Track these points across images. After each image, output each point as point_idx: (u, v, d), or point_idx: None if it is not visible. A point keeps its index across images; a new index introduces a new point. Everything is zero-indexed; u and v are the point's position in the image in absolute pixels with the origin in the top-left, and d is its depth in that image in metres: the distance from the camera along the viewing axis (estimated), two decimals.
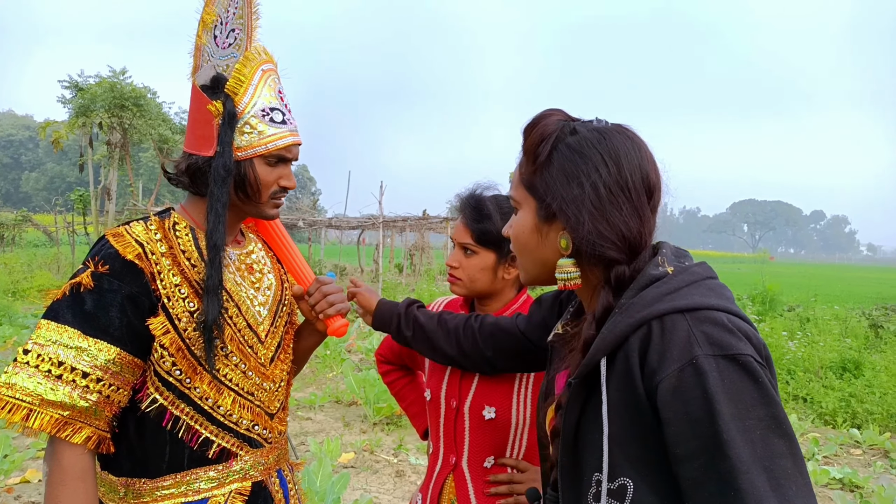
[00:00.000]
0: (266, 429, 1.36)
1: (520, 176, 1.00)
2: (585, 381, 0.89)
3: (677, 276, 0.88)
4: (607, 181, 0.90)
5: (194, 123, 1.32)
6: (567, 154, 0.93)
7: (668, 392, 0.79)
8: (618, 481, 0.84)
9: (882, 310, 11.94)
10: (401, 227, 21.49)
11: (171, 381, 1.23)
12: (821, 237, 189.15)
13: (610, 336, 0.86)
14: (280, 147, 1.29)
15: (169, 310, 1.22)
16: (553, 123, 0.96)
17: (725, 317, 0.82)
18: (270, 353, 1.37)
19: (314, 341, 1.55)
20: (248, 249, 1.42)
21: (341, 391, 6.43)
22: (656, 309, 0.84)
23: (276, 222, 1.50)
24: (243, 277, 1.37)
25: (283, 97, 1.32)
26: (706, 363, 0.78)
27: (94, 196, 19.84)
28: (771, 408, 0.77)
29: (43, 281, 14.12)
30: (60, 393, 1.13)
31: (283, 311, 1.44)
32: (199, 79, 1.30)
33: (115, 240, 1.23)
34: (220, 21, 1.31)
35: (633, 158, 0.92)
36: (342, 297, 1.46)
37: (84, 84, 18.69)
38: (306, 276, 1.48)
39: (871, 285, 31.54)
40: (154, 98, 19.44)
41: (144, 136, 18.80)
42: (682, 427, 0.78)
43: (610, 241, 0.90)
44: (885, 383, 6.57)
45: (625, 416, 0.84)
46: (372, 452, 4.83)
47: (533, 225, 0.98)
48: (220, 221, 1.26)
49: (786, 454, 0.75)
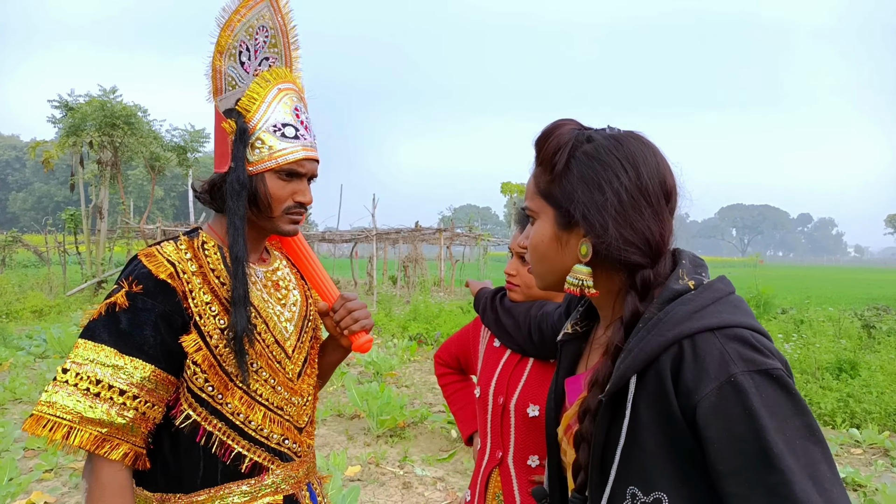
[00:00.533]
0: (296, 443, 1.38)
1: (535, 186, 1.01)
2: (615, 396, 0.90)
3: (703, 294, 0.89)
4: (628, 186, 0.91)
5: (216, 144, 1.36)
6: (586, 161, 0.94)
7: (709, 410, 0.81)
8: (653, 495, 0.86)
9: (874, 310, 12.07)
10: (394, 240, 21.49)
11: (204, 398, 1.26)
12: (809, 240, 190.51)
13: (641, 354, 0.87)
14: (291, 161, 1.30)
15: (201, 327, 1.25)
16: (567, 132, 0.97)
17: (751, 334, 0.85)
18: (298, 368, 1.40)
19: (338, 357, 1.57)
20: (273, 266, 1.45)
21: (343, 404, 6.42)
22: (687, 328, 0.85)
23: (300, 239, 1.53)
24: (270, 294, 1.39)
25: (299, 114, 1.34)
26: (744, 380, 0.80)
27: (86, 215, 19.72)
28: (805, 417, 0.80)
29: (36, 302, 13.98)
30: (99, 410, 1.15)
31: (309, 326, 1.46)
32: (223, 103, 1.33)
33: (147, 260, 1.26)
34: (245, 48, 1.33)
35: (651, 163, 0.94)
36: (366, 314, 1.49)
37: (74, 103, 18.64)
38: (331, 293, 1.50)
39: (860, 286, 31.80)
40: (145, 116, 19.39)
41: (136, 154, 18.75)
42: (725, 444, 0.80)
43: (635, 245, 0.91)
44: (882, 383, 6.64)
45: (658, 432, 0.86)
46: (378, 465, 4.83)
47: (552, 233, 0.99)
48: (240, 234, 1.28)
49: (822, 460, 0.78)
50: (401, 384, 7.76)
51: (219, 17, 1.32)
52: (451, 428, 5.61)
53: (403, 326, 11.59)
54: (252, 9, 1.33)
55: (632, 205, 0.91)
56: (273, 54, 1.35)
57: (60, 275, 19.13)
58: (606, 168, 0.92)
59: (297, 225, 1.38)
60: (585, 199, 0.93)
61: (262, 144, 1.29)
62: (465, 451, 5.19)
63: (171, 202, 59.49)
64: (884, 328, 9.88)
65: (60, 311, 13.77)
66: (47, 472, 4.51)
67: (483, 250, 21.60)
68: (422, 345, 10.62)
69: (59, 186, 63.72)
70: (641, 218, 0.91)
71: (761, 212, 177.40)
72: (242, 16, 1.32)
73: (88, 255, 19.39)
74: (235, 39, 1.32)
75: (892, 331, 9.72)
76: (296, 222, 1.37)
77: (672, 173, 0.96)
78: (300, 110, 1.35)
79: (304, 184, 1.35)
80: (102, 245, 19.33)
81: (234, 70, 1.33)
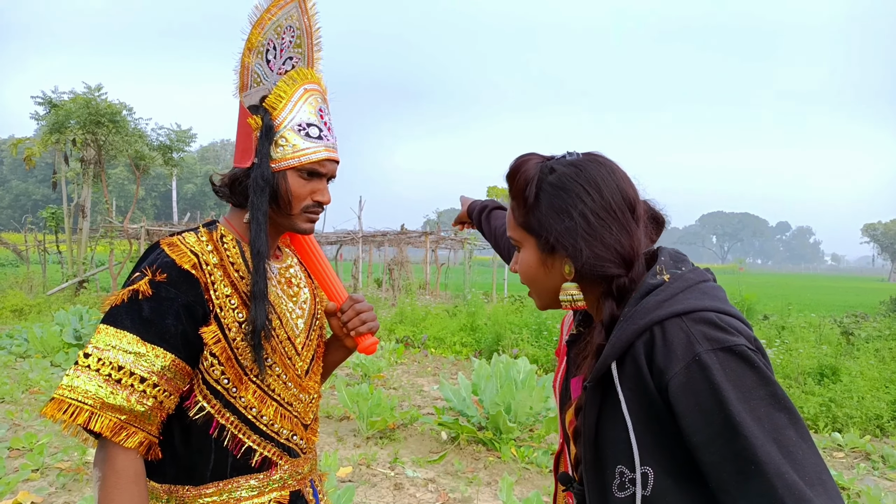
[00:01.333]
0: (303, 439, 1.39)
1: (514, 218, 1.10)
2: (600, 383, 0.99)
3: (673, 284, 0.98)
4: (593, 208, 1.00)
5: (239, 138, 1.36)
6: (551, 192, 1.02)
7: (678, 388, 0.88)
8: (639, 470, 0.93)
9: (852, 317, 12.33)
10: (379, 242, 21.47)
11: (219, 390, 1.26)
12: (787, 248, 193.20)
13: (617, 343, 0.95)
14: (313, 161, 1.32)
15: (221, 319, 1.25)
16: (532, 167, 1.06)
17: (716, 315, 0.92)
18: (306, 364, 1.41)
19: (340, 357, 1.58)
20: (286, 264, 1.46)
21: (332, 406, 6.41)
22: (656, 315, 0.93)
23: (311, 240, 1.54)
24: (283, 291, 1.40)
25: (322, 115, 1.36)
26: (707, 357, 0.87)
27: (68, 213, 19.45)
28: (769, 387, 0.86)
29: (16, 301, 13.76)
30: (120, 397, 1.15)
31: (316, 324, 1.47)
32: (248, 99, 1.34)
33: (170, 249, 1.26)
34: (273, 46, 1.35)
35: (610, 182, 1.02)
36: (373, 316, 1.50)
37: (58, 100, 18.39)
38: (340, 294, 1.52)
39: (837, 294, 32.33)
40: (130, 114, 19.15)
41: (120, 152, 18.50)
42: (695, 417, 0.87)
43: (608, 259, 0.99)
44: (863, 388, 6.77)
45: (639, 412, 0.94)
46: (368, 466, 4.83)
47: (537, 259, 1.07)
48: (262, 230, 1.29)
49: (788, 425, 0.85)
50: (388, 386, 7.76)
51: (251, 15, 1.33)
52: (441, 430, 5.62)
53: (390, 329, 11.59)
54: (283, 8, 1.34)
55: (599, 224, 0.99)
56: (297, 54, 1.37)
57: (40, 274, 18.84)
58: (570, 194, 1.01)
59: (312, 224, 1.39)
60: (557, 227, 1.01)
61: (286, 142, 1.30)
62: (455, 453, 5.21)
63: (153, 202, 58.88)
64: (862, 335, 10.08)
65: (41, 311, 13.56)
66: (34, 472, 4.46)
67: (468, 254, 21.64)
68: (409, 347, 10.62)
69: (37, 184, 62.76)
70: (610, 233, 0.99)
71: (741, 219, 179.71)
72: (273, 14, 1.34)
73: (70, 254, 19.10)
74: (265, 37, 1.34)
75: (871, 337, 9.91)
76: (312, 221, 1.38)
77: (632, 185, 1.05)
78: (324, 111, 1.37)
79: (323, 183, 1.37)
80: (84, 244, 19.05)
81: (261, 67, 1.35)
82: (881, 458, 5.55)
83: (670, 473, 0.91)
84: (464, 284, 18.91)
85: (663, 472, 0.91)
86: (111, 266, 18.62)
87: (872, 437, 6.16)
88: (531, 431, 5.67)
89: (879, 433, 6.32)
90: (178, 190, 21.34)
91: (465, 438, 5.42)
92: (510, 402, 5.30)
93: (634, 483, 0.93)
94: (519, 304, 13.36)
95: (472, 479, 4.64)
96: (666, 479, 0.91)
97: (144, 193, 52.45)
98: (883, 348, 8.70)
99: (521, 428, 5.47)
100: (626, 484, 0.94)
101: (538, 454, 5.07)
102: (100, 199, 20.65)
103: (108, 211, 19.73)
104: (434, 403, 6.85)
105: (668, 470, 0.91)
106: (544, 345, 9.55)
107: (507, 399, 5.31)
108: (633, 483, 0.93)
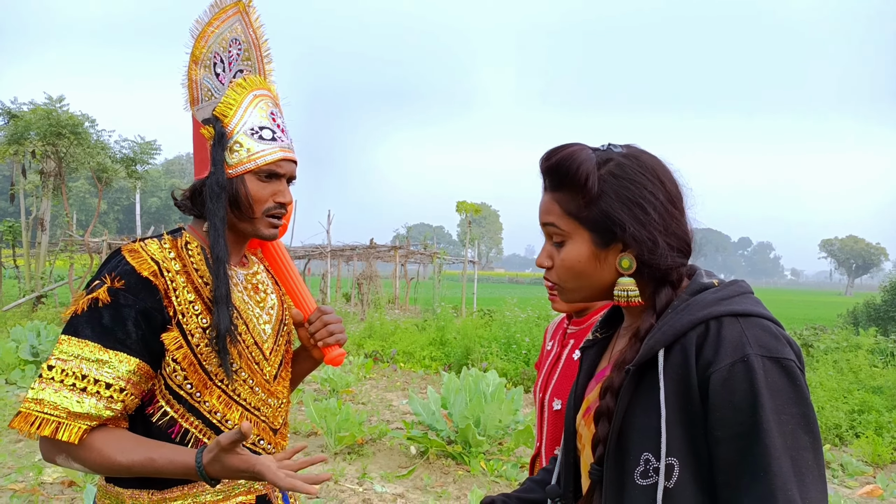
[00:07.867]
0: (270, 444, 1.40)
1: (563, 210, 1.03)
2: (640, 368, 0.98)
3: (729, 287, 1.00)
4: (662, 199, 1.00)
5: (196, 151, 1.38)
6: (615, 182, 1.00)
7: (719, 382, 0.90)
8: (665, 461, 0.94)
9: (812, 329, 12.68)
10: (348, 257, 21.36)
11: (182, 395, 1.27)
12: (748, 263, 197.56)
13: (670, 330, 0.96)
14: (269, 162, 1.33)
15: (183, 325, 1.26)
16: (587, 156, 1.01)
17: (773, 325, 0.94)
18: (274, 370, 1.42)
19: (308, 367, 1.59)
20: (253, 270, 1.47)
21: (300, 421, 6.32)
22: (715, 310, 0.95)
23: (283, 251, 1.55)
24: (250, 297, 1.41)
25: (275, 118, 1.38)
26: (755, 361, 0.89)
27: (26, 227, 18.90)
28: (803, 407, 0.89)
29: None
30: (87, 405, 1.18)
31: (284, 330, 1.48)
32: (201, 113, 1.36)
33: (130, 256, 1.27)
34: (220, 60, 1.37)
35: (668, 172, 1.03)
36: (341, 328, 1.51)
37: (17, 111, 17.91)
38: (308, 304, 1.52)
39: (797, 307, 33.23)
40: (93, 126, 18.73)
41: (82, 164, 18.07)
42: (725, 412, 0.89)
43: (678, 249, 1.01)
44: (822, 398, 6.95)
45: (675, 403, 0.94)
46: (336, 482, 4.77)
47: (590, 252, 1.03)
48: (220, 235, 1.31)
49: (809, 448, 0.88)
50: (357, 401, 7.69)
51: (192, 29, 1.36)
52: (410, 444, 5.59)
53: (359, 344, 11.50)
54: (225, 21, 1.37)
55: (671, 214, 1.01)
56: (247, 66, 1.39)
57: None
58: (639, 186, 1.00)
59: (275, 229, 1.39)
60: (629, 219, 0.99)
61: (240, 147, 1.32)
62: (424, 468, 5.18)
63: (115, 216, 57.65)
64: (821, 347, 10.38)
65: None
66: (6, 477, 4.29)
67: (437, 268, 21.64)
68: (378, 362, 10.55)
69: None
70: (678, 224, 1.02)
71: (704, 235, 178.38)
72: (216, 28, 1.36)
73: (27, 269, 18.55)
74: (209, 50, 1.36)
75: (829, 349, 10.21)
76: (275, 226, 1.39)
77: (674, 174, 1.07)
78: (276, 115, 1.39)
79: (283, 184, 1.38)
80: (43, 259, 18.52)
81: (210, 81, 1.37)
82: (840, 466, 5.69)
83: (690, 469, 0.92)
84: (433, 298, 18.88)
85: (684, 466, 0.93)
86: (71, 281, 18.13)
87: (832, 445, 6.32)
88: (500, 445, 5.67)
89: (839, 442, 6.49)
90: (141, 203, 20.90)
91: (434, 453, 5.39)
92: (479, 415, 5.30)
93: (658, 472, 0.94)
94: (488, 318, 13.41)
95: (441, 493, 4.62)
96: (685, 473, 0.92)
97: (107, 207, 51.35)
98: (841, 360, 8.96)
99: (491, 441, 5.47)
100: (650, 472, 0.95)
101: (507, 467, 5.07)
102: (60, 212, 20.12)
103: (68, 224, 19.23)
104: (403, 418, 6.81)
105: (689, 465, 0.92)
106: (513, 358, 9.58)
107: (477, 412, 5.30)
108: (656, 472, 0.94)
